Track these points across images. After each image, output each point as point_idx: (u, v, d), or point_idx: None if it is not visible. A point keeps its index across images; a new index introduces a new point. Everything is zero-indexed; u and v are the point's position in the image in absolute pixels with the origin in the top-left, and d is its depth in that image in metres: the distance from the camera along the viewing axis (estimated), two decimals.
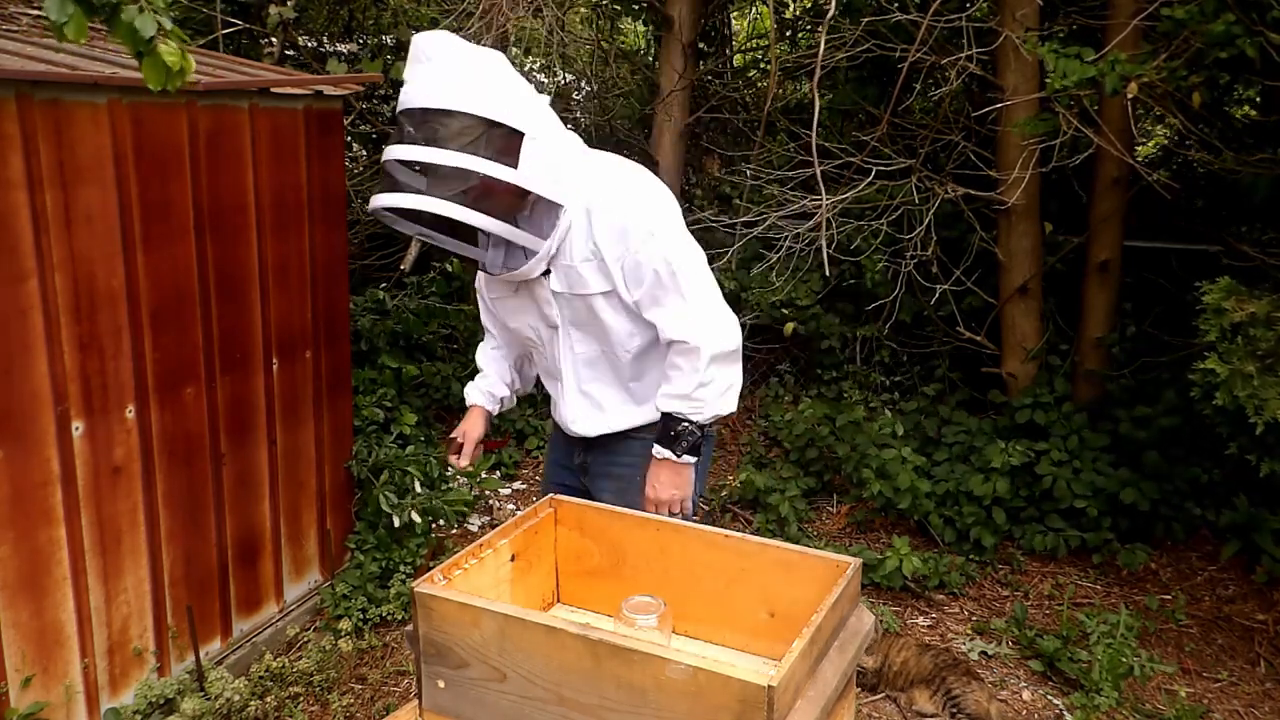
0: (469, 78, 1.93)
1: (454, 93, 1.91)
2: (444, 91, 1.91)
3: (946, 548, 4.14)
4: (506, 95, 1.95)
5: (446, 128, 1.90)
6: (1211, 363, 3.10)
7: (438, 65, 1.94)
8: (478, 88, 1.93)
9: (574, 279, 2.14)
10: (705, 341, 2.08)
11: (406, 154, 1.92)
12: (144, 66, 1.74)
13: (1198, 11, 3.12)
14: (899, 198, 4.31)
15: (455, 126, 1.90)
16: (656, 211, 2.12)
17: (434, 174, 1.94)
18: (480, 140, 1.90)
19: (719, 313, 2.14)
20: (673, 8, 4.95)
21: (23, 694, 2.57)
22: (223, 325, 3.06)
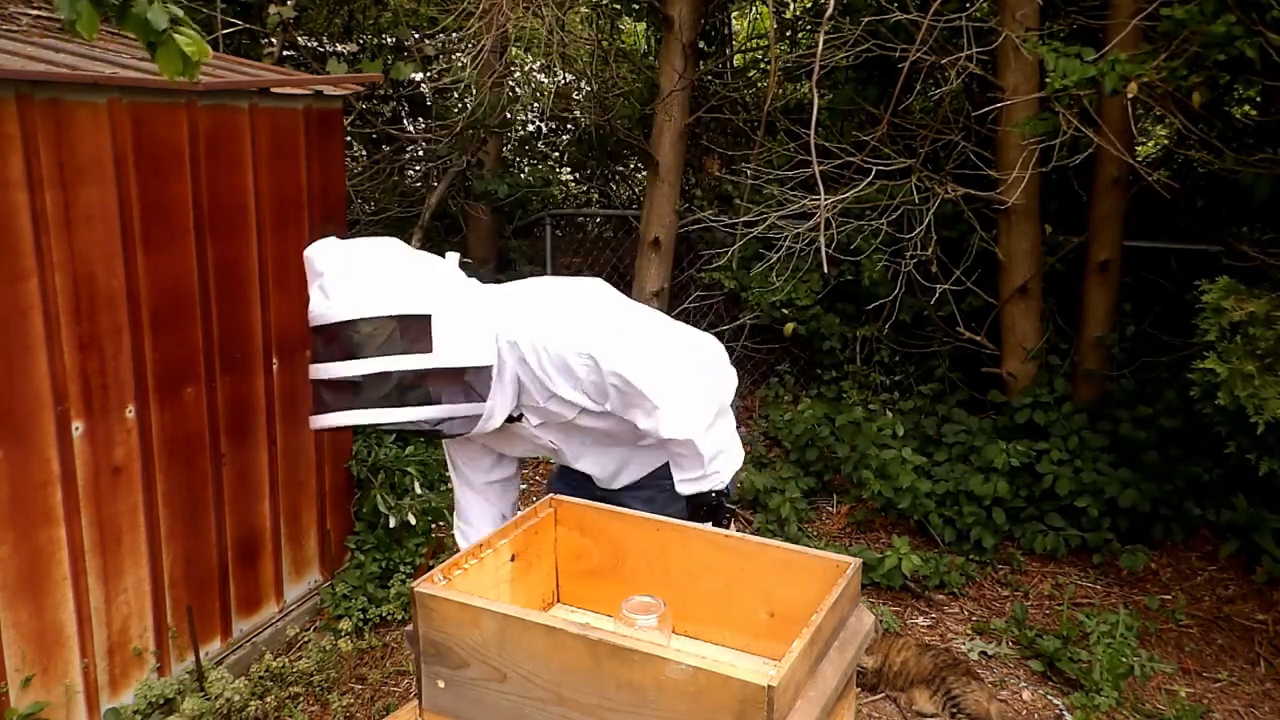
0: (360, 281, 1.95)
1: (350, 301, 1.93)
2: (341, 303, 1.93)
3: (946, 548, 4.14)
4: (402, 284, 1.96)
5: (355, 336, 1.92)
6: (1211, 362, 3.10)
7: (330, 277, 1.96)
8: (373, 288, 1.94)
9: (548, 414, 2.16)
10: (690, 430, 2.09)
11: (324, 373, 1.95)
12: (159, 57, 1.74)
13: (1197, 11, 3.12)
14: (899, 198, 4.31)
15: (363, 332, 1.92)
16: (585, 332, 2.10)
17: (359, 384, 1.95)
18: (391, 337, 1.93)
19: (687, 396, 2.12)
20: (673, 8, 4.95)
21: (23, 694, 2.57)
22: (223, 325, 3.06)
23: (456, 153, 5.43)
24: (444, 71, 5.44)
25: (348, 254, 1.99)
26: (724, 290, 5.40)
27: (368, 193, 5.90)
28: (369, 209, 5.93)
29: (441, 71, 5.48)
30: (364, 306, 1.92)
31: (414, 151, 6.14)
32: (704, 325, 5.67)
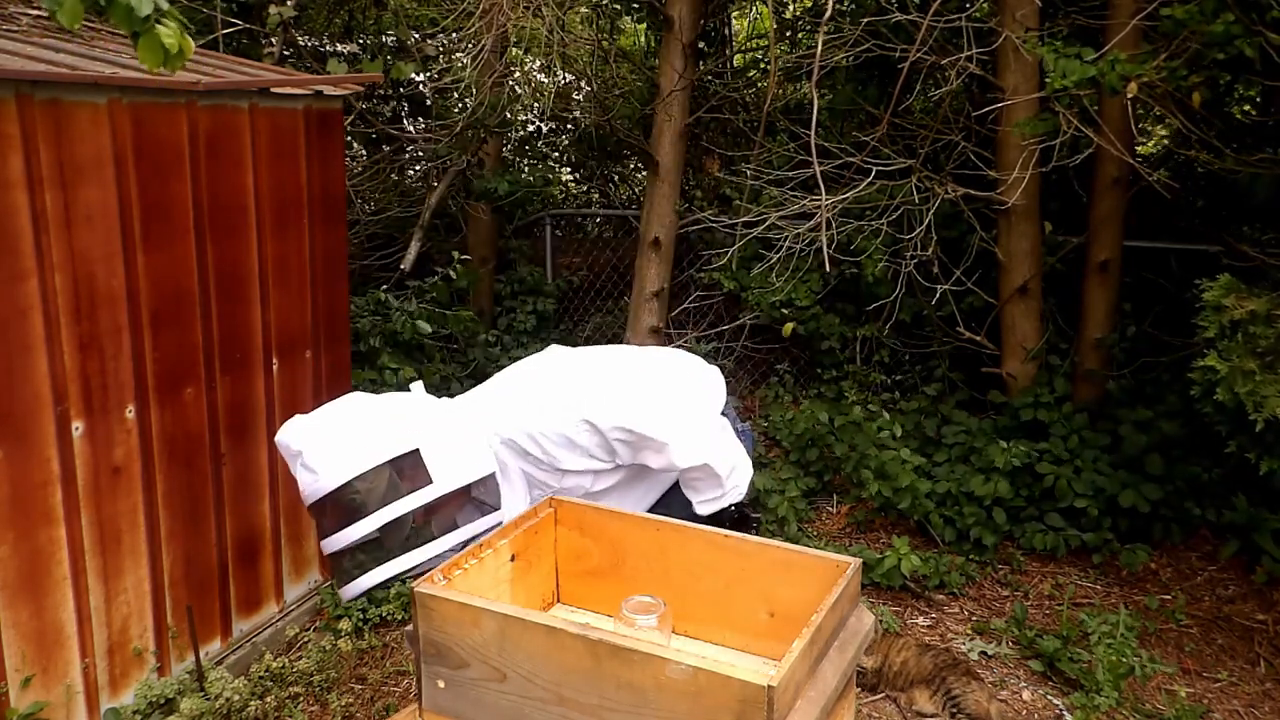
0: (339, 444, 1.97)
1: (337, 467, 1.94)
2: (329, 472, 1.94)
3: (946, 547, 4.14)
4: (380, 430, 1.98)
5: (356, 498, 1.94)
6: (1211, 360, 3.10)
7: (310, 453, 1.97)
8: (352, 447, 1.96)
9: (567, 490, 2.19)
10: (704, 454, 2.12)
11: (341, 543, 1.96)
12: (140, 47, 1.74)
13: (1197, 11, 3.12)
14: (899, 198, 4.31)
15: (361, 490, 1.94)
16: (573, 401, 2.13)
17: (385, 535, 1.97)
18: (390, 484, 1.95)
19: (691, 427, 2.15)
20: (673, 8, 4.95)
21: (23, 694, 2.57)
22: (223, 325, 3.06)
23: (456, 152, 5.43)
24: (444, 71, 5.44)
25: (317, 425, 2.02)
26: (724, 290, 5.40)
27: (368, 193, 5.89)
28: (369, 209, 5.93)
29: (441, 71, 5.48)
30: (352, 466, 1.94)
31: (414, 151, 6.14)
32: (704, 325, 5.68)
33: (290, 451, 2.02)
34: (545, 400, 2.14)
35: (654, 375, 2.32)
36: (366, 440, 1.97)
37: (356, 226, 5.50)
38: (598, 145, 6.56)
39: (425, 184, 6.18)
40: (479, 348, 5.45)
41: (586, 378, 2.20)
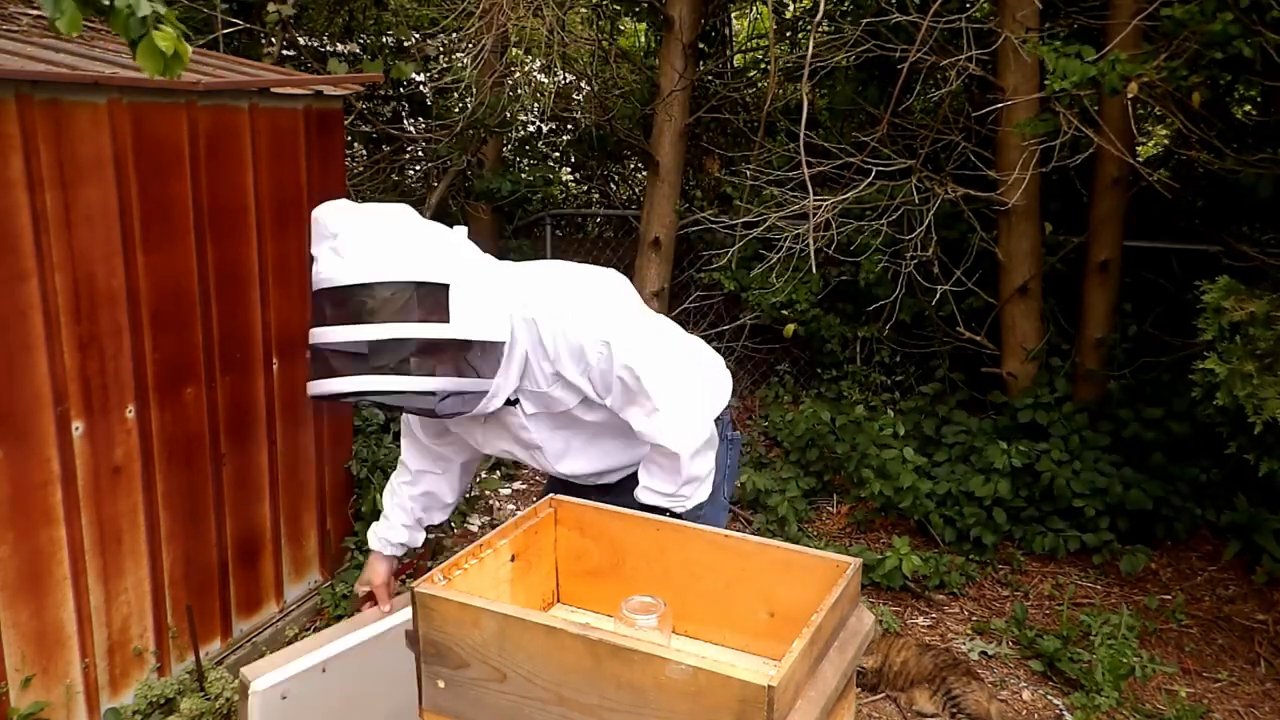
0: (379, 244, 1.89)
1: (368, 264, 1.86)
2: (359, 265, 1.86)
3: (947, 547, 4.14)
4: (420, 251, 1.91)
5: (370, 301, 1.85)
6: (1211, 362, 3.10)
7: (345, 239, 1.89)
8: (390, 252, 1.88)
9: (548, 401, 2.11)
10: (683, 446, 2.05)
11: (331, 337, 1.86)
12: (139, 54, 1.73)
13: (1197, 11, 3.12)
14: (899, 198, 4.31)
15: (379, 298, 1.85)
16: (605, 319, 2.07)
17: (374, 351, 1.87)
18: (408, 304, 1.87)
19: (691, 409, 2.09)
20: (673, 8, 4.95)
21: (23, 694, 2.57)
22: (223, 325, 3.06)
23: (456, 152, 5.43)
24: (444, 71, 5.44)
25: (364, 217, 1.92)
26: (724, 291, 5.40)
27: (368, 193, 5.89)
28: None
29: (441, 71, 5.48)
30: (383, 270, 1.84)
31: (414, 151, 6.14)
32: (704, 325, 5.67)
33: (324, 230, 1.91)
34: (581, 305, 2.07)
35: (685, 352, 2.27)
36: (406, 253, 1.88)
37: None
38: (598, 145, 6.56)
39: (425, 184, 6.19)
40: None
41: (628, 311, 2.13)
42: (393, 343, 1.85)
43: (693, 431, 2.07)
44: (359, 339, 1.84)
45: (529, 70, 6.55)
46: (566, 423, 2.16)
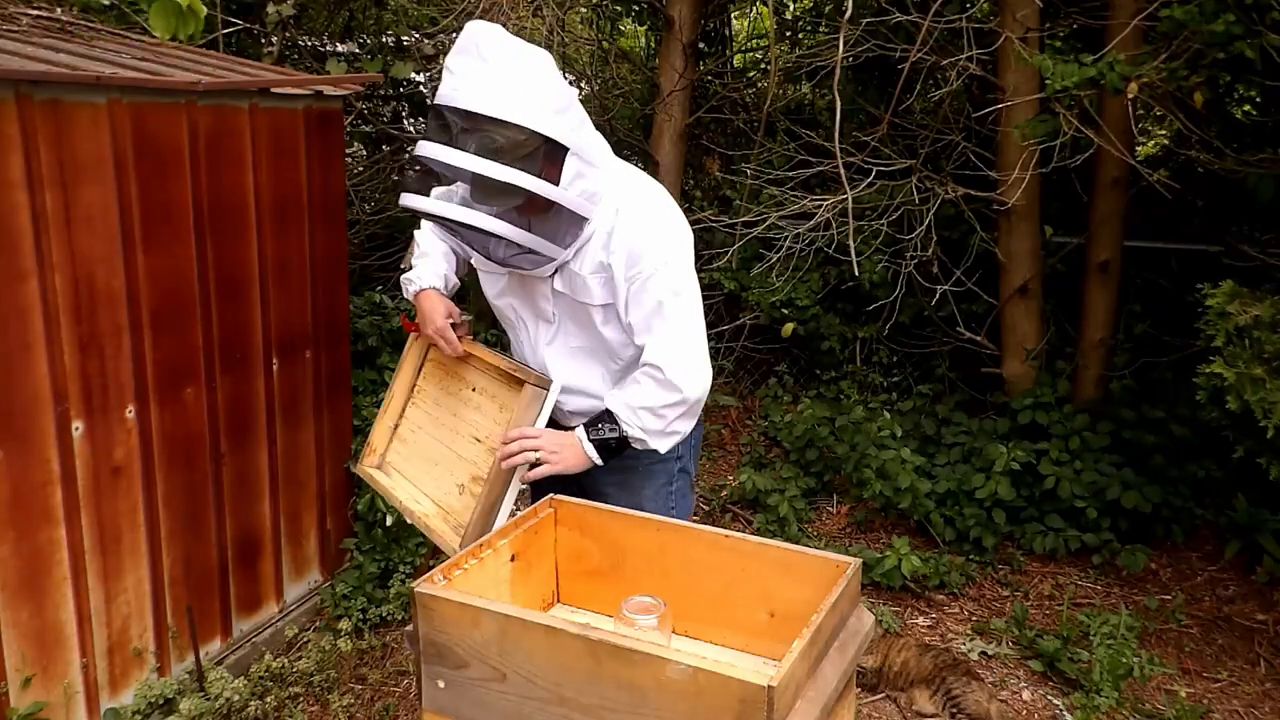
0: (524, 85, 1.84)
1: (510, 102, 1.82)
2: (500, 98, 1.82)
3: (946, 548, 4.14)
4: (556, 105, 1.89)
5: (499, 138, 1.81)
6: (1217, 366, 3.08)
7: (494, 66, 1.83)
8: (532, 97, 1.84)
9: (578, 286, 2.11)
10: (685, 384, 2.07)
11: (455, 160, 1.82)
12: (152, 13, 1.73)
13: (1197, 11, 3.12)
14: (899, 198, 4.31)
15: (508, 138, 1.82)
16: (675, 242, 2.11)
17: (478, 184, 1.88)
18: (532, 155, 1.84)
19: (703, 361, 2.13)
20: (673, 8, 4.95)
21: (23, 694, 2.57)
22: (223, 325, 3.06)
23: None
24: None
25: (516, 50, 1.88)
26: (724, 290, 5.40)
27: (368, 193, 5.89)
28: (369, 209, 5.92)
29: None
30: (524, 114, 1.82)
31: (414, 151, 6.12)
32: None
33: (475, 46, 1.85)
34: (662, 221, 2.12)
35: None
36: (546, 103, 1.85)
37: (356, 226, 5.49)
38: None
39: None
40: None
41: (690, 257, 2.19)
42: (505, 186, 1.84)
43: (698, 378, 2.10)
44: (477, 170, 1.82)
45: None
46: (580, 318, 2.18)
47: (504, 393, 2.25)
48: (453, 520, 2.28)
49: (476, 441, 2.28)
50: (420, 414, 2.48)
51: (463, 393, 2.35)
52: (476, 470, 2.25)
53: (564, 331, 2.22)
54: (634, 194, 2.11)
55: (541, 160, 1.87)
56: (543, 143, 1.85)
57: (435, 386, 2.45)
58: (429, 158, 1.85)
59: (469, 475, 2.28)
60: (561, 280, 2.13)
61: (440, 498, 2.36)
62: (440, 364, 2.43)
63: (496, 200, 1.89)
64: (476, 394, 2.32)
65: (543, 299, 2.19)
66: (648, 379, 2.09)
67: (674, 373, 2.06)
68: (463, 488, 2.28)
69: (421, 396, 2.48)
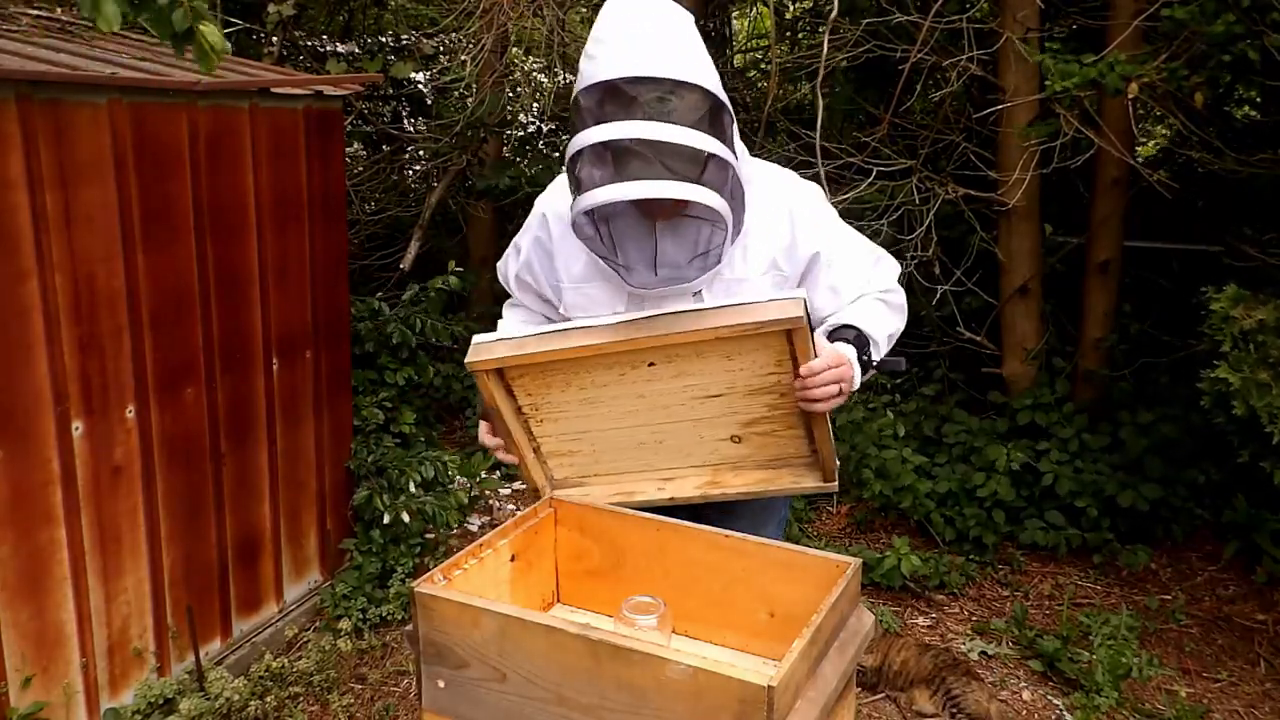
0: (692, 42, 1.67)
1: (688, 61, 1.61)
2: (679, 59, 1.61)
3: (946, 547, 4.14)
4: (713, 67, 1.68)
5: (682, 103, 1.59)
6: (1222, 371, 3.07)
7: (661, 33, 1.64)
8: (702, 56, 1.66)
9: (740, 294, 1.84)
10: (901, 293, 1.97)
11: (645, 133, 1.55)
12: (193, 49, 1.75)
13: (1197, 12, 3.12)
14: (899, 198, 4.31)
15: (690, 102, 1.60)
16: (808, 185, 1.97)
17: (672, 158, 1.59)
18: (711, 120, 1.62)
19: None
20: None
21: (23, 694, 2.57)
22: (223, 325, 3.06)
23: (456, 152, 5.43)
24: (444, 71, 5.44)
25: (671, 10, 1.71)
26: None
27: (368, 193, 5.89)
28: (369, 209, 5.93)
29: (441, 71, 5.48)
30: (700, 73, 1.62)
31: (414, 151, 6.14)
32: None
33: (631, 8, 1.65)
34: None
35: None
36: (708, 62, 1.68)
37: (356, 226, 5.50)
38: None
39: (425, 184, 6.19)
40: None
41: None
42: (701, 156, 1.61)
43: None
44: (647, 137, 1.56)
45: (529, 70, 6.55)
46: None
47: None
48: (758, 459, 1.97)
49: (711, 399, 1.87)
50: (565, 423, 1.97)
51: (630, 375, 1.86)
52: (744, 416, 1.89)
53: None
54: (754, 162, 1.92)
55: (717, 127, 1.64)
56: (715, 106, 1.64)
57: (560, 394, 1.92)
58: (624, 138, 1.57)
59: (737, 424, 1.90)
60: (712, 297, 1.85)
61: (705, 459, 1.99)
62: (539, 377, 1.90)
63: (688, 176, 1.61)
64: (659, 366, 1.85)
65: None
66: (878, 302, 1.94)
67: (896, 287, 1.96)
68: (738, 437, 1.93)
69: (545, 411, 1.96)
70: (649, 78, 1.59)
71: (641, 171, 1.59)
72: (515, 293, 2.15)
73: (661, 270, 1.77)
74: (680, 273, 1.78)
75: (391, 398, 4.23)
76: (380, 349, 4.32)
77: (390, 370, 4.34)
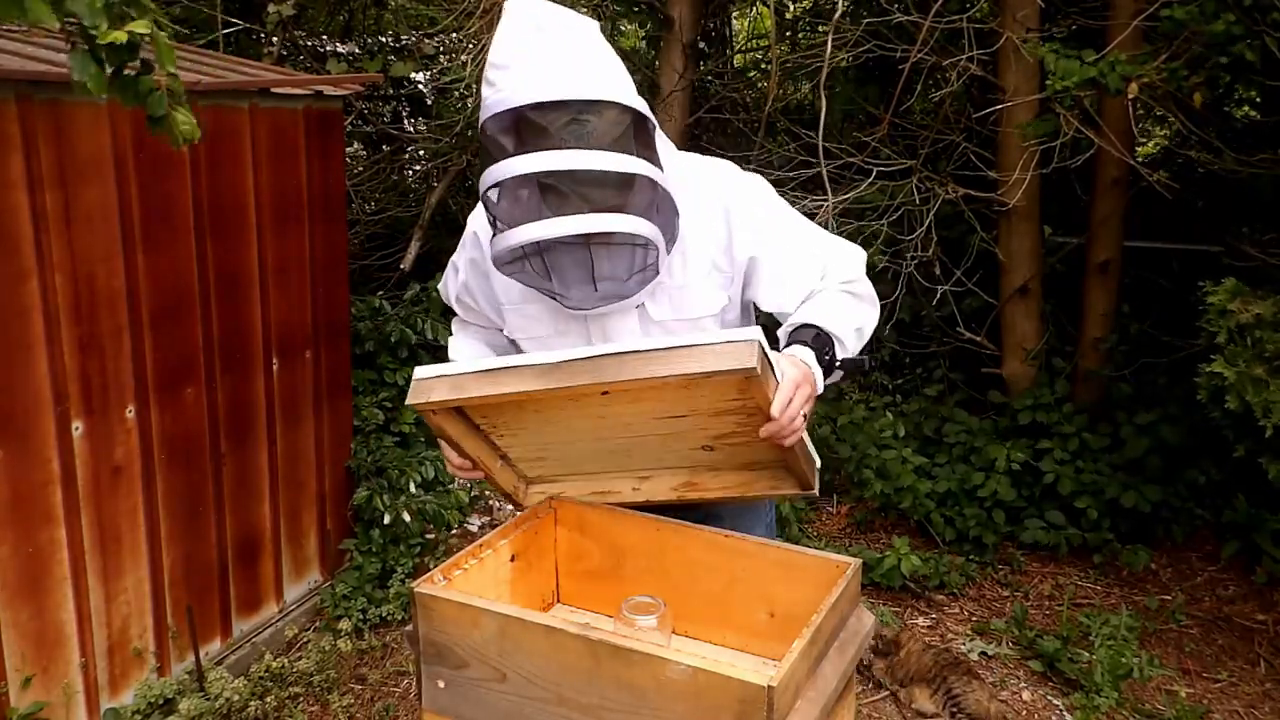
0: (600, 54, 1.55)
1: (598, 77, 1.49)
2: (588, 76, 1.49)
3: (946, 547, 4.14)
4: (626, 76, 1.57)
5: (600, 122, 1.48)
6: (1218, 365, 3.08)
7: (562, 41, 1.51)
8: (613, 67, 1.55)
9: (687, 301, 1.78)
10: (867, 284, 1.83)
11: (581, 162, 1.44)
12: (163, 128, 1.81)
13: (1198, 12, 3.12)
14: (899, 198, 4.30)
15: (607, 120, 1.49)
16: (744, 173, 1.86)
17: (593, 186, 1.48)
18: (633, 134, 1.52)
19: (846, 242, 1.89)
20: (673, 8, 4.95)
21: (23, 694, 2.57)
22: (223, 325, 3.06)
23: (457, 152, 5.43)
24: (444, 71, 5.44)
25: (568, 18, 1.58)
26: None
27: (368, 193, 5.89)
28: (369, 209, 5.93)
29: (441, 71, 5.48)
30: (615, 88, 1.50)
31: (414, 151, 6.13)
32: None
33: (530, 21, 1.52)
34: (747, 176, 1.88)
35: None
36: (622, 72, 1.57)
37: (356, 226, 5.49)
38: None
39: (425, 184, 6.18)
40: None
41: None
42: (639, 180, 1.51)
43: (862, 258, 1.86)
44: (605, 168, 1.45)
45: None
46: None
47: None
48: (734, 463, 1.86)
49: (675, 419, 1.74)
50: (527, 436, 1.85)
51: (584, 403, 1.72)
52: (713, 431, 1.75)
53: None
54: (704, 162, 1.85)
55: (640, 143, 1.55)
56: (634, 120, 1.54)
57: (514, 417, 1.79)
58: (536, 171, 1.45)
59: (707, 437, 1.78)
60: (657, 305, 1.78)
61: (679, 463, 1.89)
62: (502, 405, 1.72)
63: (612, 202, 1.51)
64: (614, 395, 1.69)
65: (629, 340, 1.80)
66: (845, 293, 1.82)
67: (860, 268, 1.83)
68: (710, 446, 1.82)
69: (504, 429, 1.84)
70: (558, 101, 1.46)
71: (561, 206, 1.48)
72: (459, 312, 2.06)
73: (601, 286, 1.64)
74: (621, 288, 1.66)
75: (391, 397, 4.23)
76: (380, 349, 4.33)
77: (390, 370, 4.33)
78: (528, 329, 1.88)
